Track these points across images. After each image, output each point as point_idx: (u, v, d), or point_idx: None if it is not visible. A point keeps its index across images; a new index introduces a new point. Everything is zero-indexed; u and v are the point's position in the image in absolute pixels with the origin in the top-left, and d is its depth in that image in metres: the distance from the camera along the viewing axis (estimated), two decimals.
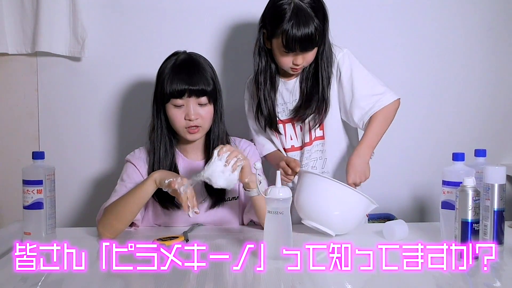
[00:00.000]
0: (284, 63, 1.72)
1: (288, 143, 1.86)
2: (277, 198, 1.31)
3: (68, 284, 1.23)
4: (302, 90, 1.79)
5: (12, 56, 2.19)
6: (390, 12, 2.26)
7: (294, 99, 1.82)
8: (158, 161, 1.66)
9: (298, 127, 1.84)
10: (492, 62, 2.31)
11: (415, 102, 2.28)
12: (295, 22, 1.63)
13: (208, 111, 1.64)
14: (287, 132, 1.85)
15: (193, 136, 1.64)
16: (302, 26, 1.63)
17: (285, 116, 1.83)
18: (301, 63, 1.71)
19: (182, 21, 2.21)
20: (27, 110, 2.22)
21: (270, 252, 1.32)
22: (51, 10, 2.11)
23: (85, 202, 2.26)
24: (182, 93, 1.60)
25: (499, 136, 2.34)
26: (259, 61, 1.78)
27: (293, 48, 1.66)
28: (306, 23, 1.63)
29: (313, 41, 1.66)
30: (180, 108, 1.62)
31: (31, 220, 1.50)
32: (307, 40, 1.65)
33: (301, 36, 1.64)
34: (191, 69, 1.63)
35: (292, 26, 1.63)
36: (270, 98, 1.80)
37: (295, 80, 1.82)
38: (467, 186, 1.33)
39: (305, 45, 1.66)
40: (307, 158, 1.83)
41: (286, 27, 1.64)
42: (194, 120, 1.61)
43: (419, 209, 2.33)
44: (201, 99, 1.62)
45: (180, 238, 1.46)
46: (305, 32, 1.63)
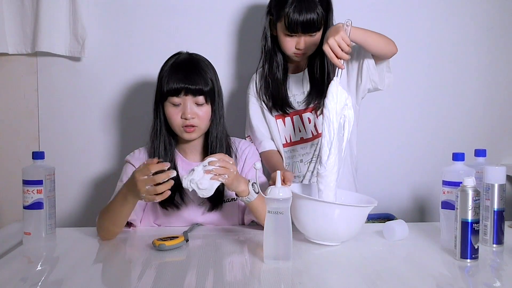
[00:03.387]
0: (288, 46, 1.77)
1: (297, 135, 1.87)
2: (277, 198, 1.31)
3: (68, 284, 1.23)
4: (312, 79, 1.83)
5: (12, 56, 2.19)
6: (390, 11, 2.26)
7: (302, 91, 1.85)
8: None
9: (307, 119, 1.85)
10: (492, 62, 2.31)
11: (415, 102, 2.28)
12: (297, 5, 1.70)
13: (205, 112, 1.64)
14: (295, 124, 1.87)
15: (189, 135, 1.64)
16: (304, 9, 1.70)
17: (295, 108, 1.85)
18: (303, 47, 1.76)
19: (182, 21, 2.21)
20: (27, 110, 2.22)
21: (270, 252, 1.32)
22: (51, 10, 2.11)
23: (85, 202, 2.26)
24: (179, 91, 1.61)
25: (499, 136, 2.34)
26: (265, 44, 1.85)
27: (295, 29, 1.72)
28: (308, 9, 1.70)
29: (314, 24, 1.71)
30: (177, 107, 1.63)
31: (31, 220, 1.50)
32: (308, 23, 1.71)
33: (303, 19, 1.70)
34: (189, 68, 1.64)
35: (294, 8, 1.70)
36: (276, 81, 1.84)
37: (303, 73, 1.86)
38: (467, 186, 1.33)
39: (307, 27, 1.72)
40: (317, 150, 1.84)
41: (288, 10, 1.70)
42: (190, 119, 1.61)
43: (419, 209, 2.33)
44: (198, 98, 1.62)
45: (180, 238, 1.46)
46: (307, 17, 1.70)
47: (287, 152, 1.90)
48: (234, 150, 1.73)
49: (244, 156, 1.75)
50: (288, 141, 1.89)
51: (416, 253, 1.43)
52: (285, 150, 1.90)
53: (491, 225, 1.46)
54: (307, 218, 1.47)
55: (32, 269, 1.34)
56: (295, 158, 1.89)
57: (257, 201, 1.53)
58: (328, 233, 1.46)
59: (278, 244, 1.32)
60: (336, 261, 1.37)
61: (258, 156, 1.83)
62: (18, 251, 1.46)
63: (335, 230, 1.46)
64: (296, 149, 1.89)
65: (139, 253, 1.44)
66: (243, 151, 1.76)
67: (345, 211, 1.46)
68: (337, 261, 1.37)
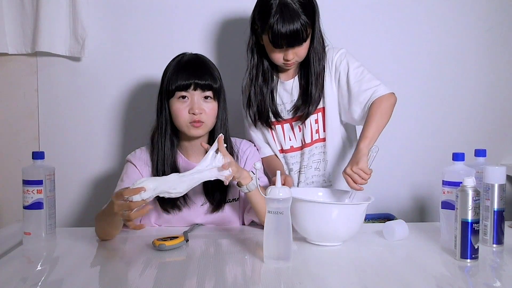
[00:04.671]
0: (275, 58, 1.73)
1: (287, 143, 1.86)
2: (277, 198, 1.31)
3: (68, 284, 1.23)
4: (302, 88, 1.79)
5: (12, 56, 2.19)
6: (389, 12, 2.26)
7: (292, 99, 1.82)
8: (162, 159, 1.66)
9: (297, 128, 1.84)
10: (492, 62, 2.31)
11: (415, 102, 2.28)
12: (280, 18, 1.63)
13: (212, 108, 1.65)
14: (286, 132, 1.85)
15: (196, 131, 1.64)
16: (287, 22, 1.63)
17: (284, 117, 1.83)
18: (291, 59, 1.71)
19: (182, 21, 2.21)
20: (27, 110, 2.22)
21: (270, 252, 1.32)
22: (51, 10, 2.11)
23: (85, 202, 2.26)
24: (188, 85, 1.61)
25: (499, 136, 2.34)
26: (252, 57, 1.79)
27: (280, 45, 1.67)
28: (291, 19, 1.63)
29: (299, 37, 1.66)
30: (185, 102, 1.63)
31: (31, 220, 1.50)
32: (292, 37, 1.65)
33: (285, 32, 1.64)
34: (197, 65, 1.65)
35: (277, 22, 1.63)
36: (262, 93, 1.80)
37: (293, 80, 1.82)
38: (467, 186, 1.33)
39: (291, 41, 1.66)
40: (308, 159, 1.83)
41: (271, 23, 1.64)
42: (198, 115, 1.61)
43: (419, 209, 2.33)
44: (206, 93, 1.63)
45: (180, 238, 1.46)
46: (290, 28, 1.63)
47: (282, 159, 1.89)
48: (235, 151, 1.73)
49: (245, 157, 1.75)
50: (280, 148, 1.88)
51: (416, 253, 1.43)
52: (280, 156, 1.89)
53: (491, 225, 1.46)
54: (305, 221, 1.47)
55: (32, 269, 1.34)
56: (289, 166, 1.88)
57: (258, 195, 1.54)
58: (328, 234, 1.47)
59: (278, 244, 1.32)
60: (336, 261, 1.37)
61: (259, 157, 1.83)
62: (18, 251, 1.46)
63: (335, 230, 1.46)
64: (287, 158, 1.88)
65: (139, 253, 1.44)
66: (244, 151, 1.76)
67: (343, 210, 1.47)
68: (337, 261, 1.37)
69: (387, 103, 1.70)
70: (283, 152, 1.88)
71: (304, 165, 1.84)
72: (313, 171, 1.84)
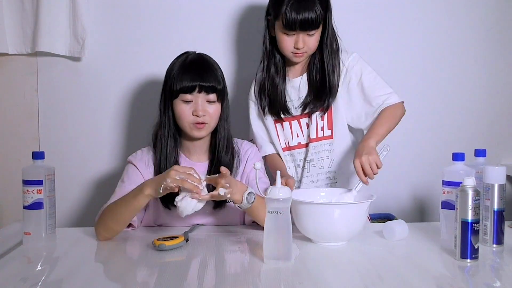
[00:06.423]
0: (286, 45, 1.76)
1: (294, 140, 1.87)
2: (277, 198, 1.31)
3: (68, 284, 1.23)
4: (311, 82, 1.82)
5: (12, 56, 2.19)
6: (390, 11, 2.26)
7: (300, 96, 1.84)
8: (165, 159, 1.66)
9: (305, 124, 1.85)
10: (493, 62, 2.31)
11: (415, 102, 2.27)
12: (296, 3, 1.68)
13: (216, 109, 1.65)
14: (293, 129, 1.87)
15: (199, 132, 1.64)
16: (303, 8, 1.68)
17: (292, 113, 1.85)
18: (302, 47, 1.74)
19: (182, 21, 2.21)
20: (27, 110, 2.22)
21: (270, 252, 1.32)
22: (51, 10, 2.11)
23: (85, 202, 2.26)
24: (192, 88, 1.61)
25: (499, 136, 2.33)
26: (266, 46, 1.84)
27: (293, 27, 1.70)
28: (307, 6, 1.69)
29: (313, 22, 1.70)
30: (188, 104, 1.63)
31: (31, 220, 1.50)
32: (307, 20, 1.69)
33: (301, 18, 1.69)
34: (202, 66, 1.65)
35: (292, 6, 1.68)
36: (274, 84, 1.84)
37: (300, 78, 1.84)
38: (467, 186, 1.33)
39: (305, 24, 1.70)
40: (313, 155, 1.84)
41: (286, 7, 1.69)
42: (202, 117, 1.62)
43: (419, 209, 2.33)
44: (210, 96, 1.63)
45: (180, 238, 1.46)
46: (305, 14, 1.69)
47: (287, 156, 1.90)
48: (236, 151, 1.73)
49: (246, 157, 1.75)
50: (287, 145, 1.89)
51: (416, 253, 1.43)
52: (284, 154, 1.90)
53: (491, 225, 1.46)
54: (309, 222, 1.47)
55: (32, 269, 1.34)
56: (295, 162, 1.89)
57: (255, 210, 1.54)
58: (334, 234, 1.47)
59: (278, 244, 1.32)
60: (336, 261, 1.37)
61: (260, 157, 1.83)
62: (18, 251, 1.46)
63: (338, 230, 1.46)
64: (293, 154, 1.89)
65: (139, 253, 1.44)
66: (245, 151, 1.76)
67: (344, 210, 1.47)
68: (337, 261, 1.37)
69: (398, 112, 1.79)
70: (290, 149, 1.89)
71: (308, 160, 1.85)
72: (318, 168, 1.85)
